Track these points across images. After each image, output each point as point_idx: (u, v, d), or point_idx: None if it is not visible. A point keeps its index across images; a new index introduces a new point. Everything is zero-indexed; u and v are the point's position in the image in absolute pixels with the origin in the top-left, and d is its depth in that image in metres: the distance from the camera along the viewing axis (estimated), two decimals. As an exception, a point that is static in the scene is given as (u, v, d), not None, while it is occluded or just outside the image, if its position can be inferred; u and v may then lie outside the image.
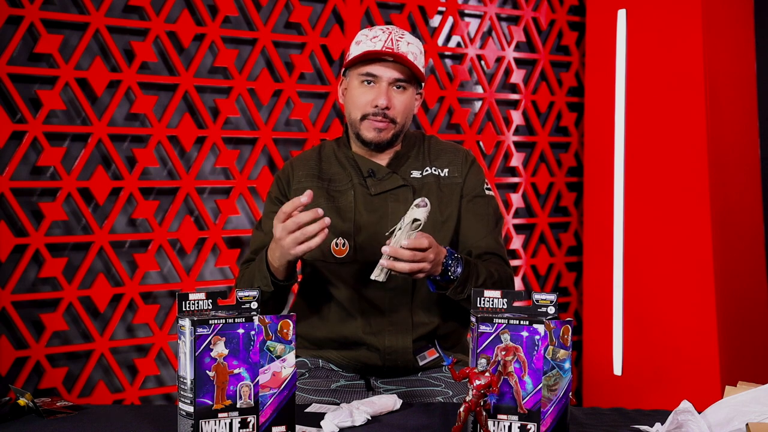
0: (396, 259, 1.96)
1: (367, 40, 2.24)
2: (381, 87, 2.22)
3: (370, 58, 2.22)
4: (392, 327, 2.23)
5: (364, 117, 2.24)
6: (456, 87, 3.88)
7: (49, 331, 3.06)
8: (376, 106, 2.22)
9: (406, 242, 1.96)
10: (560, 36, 4.19)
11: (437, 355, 2.26)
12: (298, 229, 1.99)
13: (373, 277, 2.00)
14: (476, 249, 2.26)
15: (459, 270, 2.10)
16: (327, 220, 2.00)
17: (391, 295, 2.23)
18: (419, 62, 2.26)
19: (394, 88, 2.24)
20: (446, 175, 2.31)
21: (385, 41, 2.22)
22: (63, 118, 3.12)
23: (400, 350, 2.23)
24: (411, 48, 2.24)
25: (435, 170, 2.31)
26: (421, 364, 2.26)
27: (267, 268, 2.15)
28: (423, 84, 2.32)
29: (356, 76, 2.26)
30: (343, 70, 2.33)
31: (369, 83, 2.24)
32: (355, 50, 2.26)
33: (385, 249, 1.96)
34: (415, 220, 1.98)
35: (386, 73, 2.22)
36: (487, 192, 2.33)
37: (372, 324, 2.23)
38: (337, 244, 2.24)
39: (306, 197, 1.99)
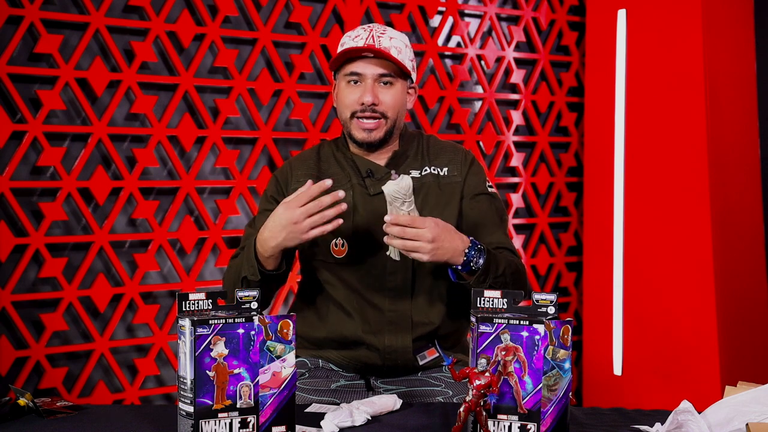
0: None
1: (349, 41, 2.24)
2: (366, 84, 2.22)
3: (350, 56, 2.23)
4: (392, 326, 2.23)
5: (352, 115, 2.25)
6: (456, 87, 3.88)
7: (49, 331, 3.06)
8: (363, 104, 2.22)
9: (388, 217, 2.03)
10: (560, 36, 4.19)
11: (437, 354, 2.26)
12: (319, 212, 2.04)
13: (388, 253, 2.15)
14: (487, 244, 2.26)
15: (481, 261, 2.10)
16: (344, 206, 2.06)
17: (391, 294, 2.23)
18: (405, 56, 2.25)
19: (380, 84, 2.24)
20: (446, 174, 2.31)
21: (366, 38, 2.22)
22: (63, 118, 3.12)
23: (399, 349, 2.23)
24: (394, 42, 2.23)
25: (434, 169, 2.31)
26: (421, 363, 2.25)
27: (255, 257, 2.15)
28: (413, 78, 2.31)
29: (342, 77, 2.26)
30: (333, 74, 2.33)
31: (355, 82, 2.24)
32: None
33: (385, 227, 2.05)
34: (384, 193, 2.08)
35: (369, 69, 2.22)
36: (490, 189, 2.33)
37: (371, 323, 2.23)
38: (336, 244, 2.24)
39: (330, 182, 2.07)
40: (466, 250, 2.08)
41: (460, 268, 2.10)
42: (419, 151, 2.34)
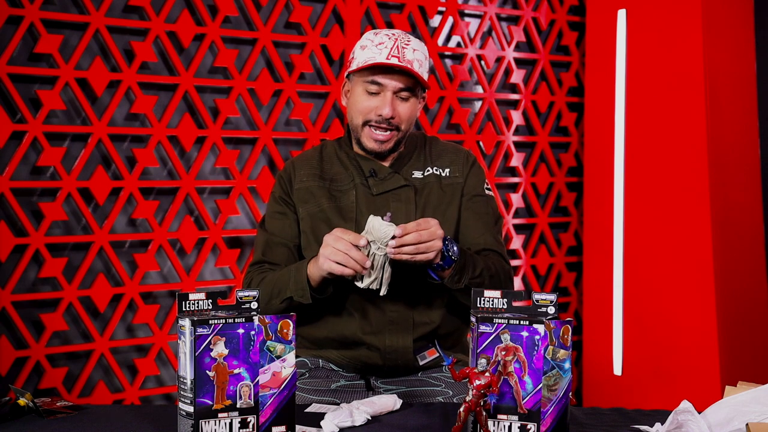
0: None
1: (372, 46, 2.23)
2: (386, 96, 2.22)
3: (376, 69, 2.22)
4: (393, 326, 2.23)
5: (366, 123, 2.24)
6: (456, 87, 3.88)
7: (49, 331, 3.06)
8: (380, 115, 2.22)
9: (399, 230, 2.01)
10: (560, 36, 4.19)
11: (437, 354, 2.26)
12: (344, 253, 2.03)
13: (374, 287, 2.09)
14: (475, 246, 2.26)
15: (455, 248, 2.11)
16: (367, 263, 2.04)
17: (392, 294, 2.23)
18: (424, 68, 2.25)
19: (399, 97, 2.23)
20: (447, 175, 2.31)
21: (391, 49, 2.20)
22: (63, 118, 3.12)
23: (400, 349, 2.23)
24: (417, 55, 2.22)
25: (436, 170, 2.31)
26: (421, 363, 2.26)
27: (306, 280, 2.15)
28: (426, 89, 2.31)
29: (361, 82, 2.24)
30: (347, 73, 2.32)
31: (374, 93, 2.23)
32: (360, 55, 2.25)
33: (390, 243, 2.02)
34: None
35: (391, 82, 2.22)
36: (487, 192, 2.34)
37: (372, 323, 2.23)
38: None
39: (363, 241, 2.03)
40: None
41: (442, 263, 2.10)
42: (422, 152, 2.35)
